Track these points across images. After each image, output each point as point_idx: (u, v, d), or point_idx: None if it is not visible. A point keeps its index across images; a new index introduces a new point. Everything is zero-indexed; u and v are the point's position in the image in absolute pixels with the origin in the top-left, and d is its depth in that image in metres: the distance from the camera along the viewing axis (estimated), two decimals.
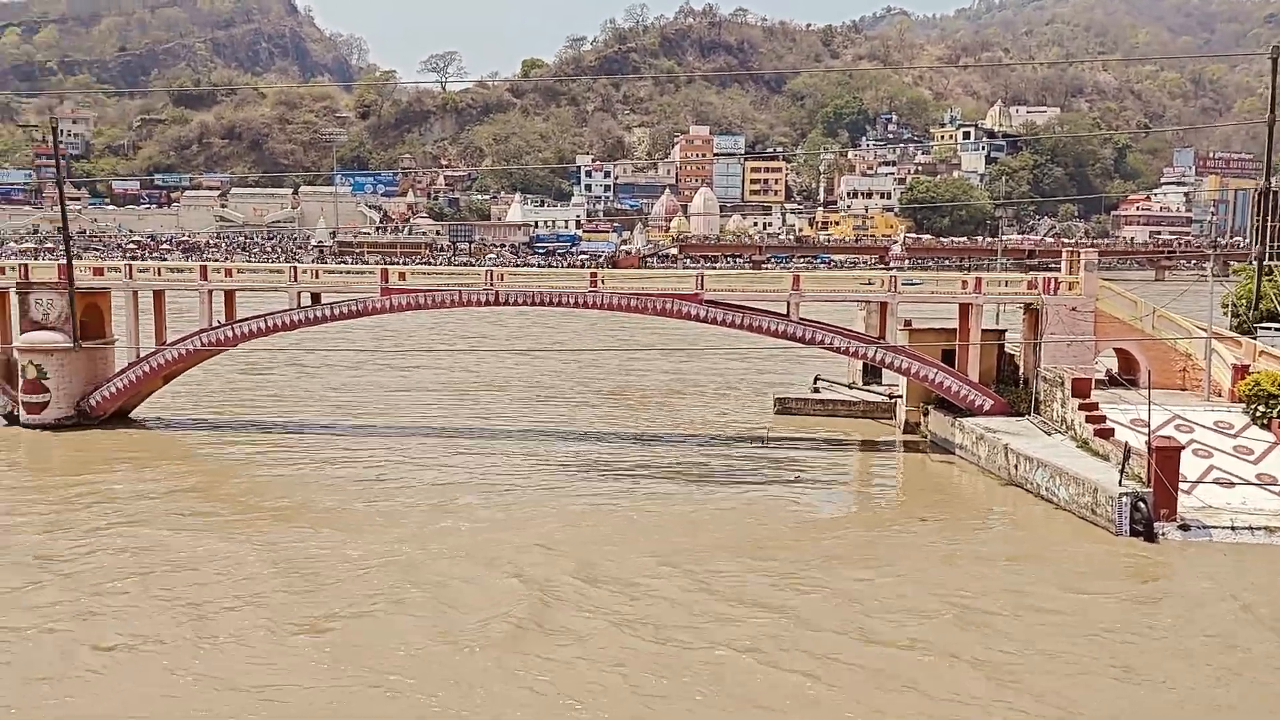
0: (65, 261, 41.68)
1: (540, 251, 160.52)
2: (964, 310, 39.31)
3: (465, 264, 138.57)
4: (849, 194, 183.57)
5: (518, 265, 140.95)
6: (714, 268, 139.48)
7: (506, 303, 39.39)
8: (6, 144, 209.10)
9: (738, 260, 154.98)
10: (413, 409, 46.25)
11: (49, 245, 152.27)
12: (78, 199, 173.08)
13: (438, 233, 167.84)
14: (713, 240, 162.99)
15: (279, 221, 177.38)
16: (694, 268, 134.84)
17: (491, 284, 39.36)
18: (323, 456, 36.86)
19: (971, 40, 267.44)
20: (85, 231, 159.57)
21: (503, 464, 35.81)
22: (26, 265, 42.77)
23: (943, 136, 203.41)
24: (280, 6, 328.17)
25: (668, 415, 45.40)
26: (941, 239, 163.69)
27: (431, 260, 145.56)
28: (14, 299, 41.69)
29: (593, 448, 38.69)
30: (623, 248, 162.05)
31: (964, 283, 39.40)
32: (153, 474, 34.00)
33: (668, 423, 43.77)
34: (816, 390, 47.73)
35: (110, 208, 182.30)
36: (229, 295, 42.22)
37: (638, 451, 38.13)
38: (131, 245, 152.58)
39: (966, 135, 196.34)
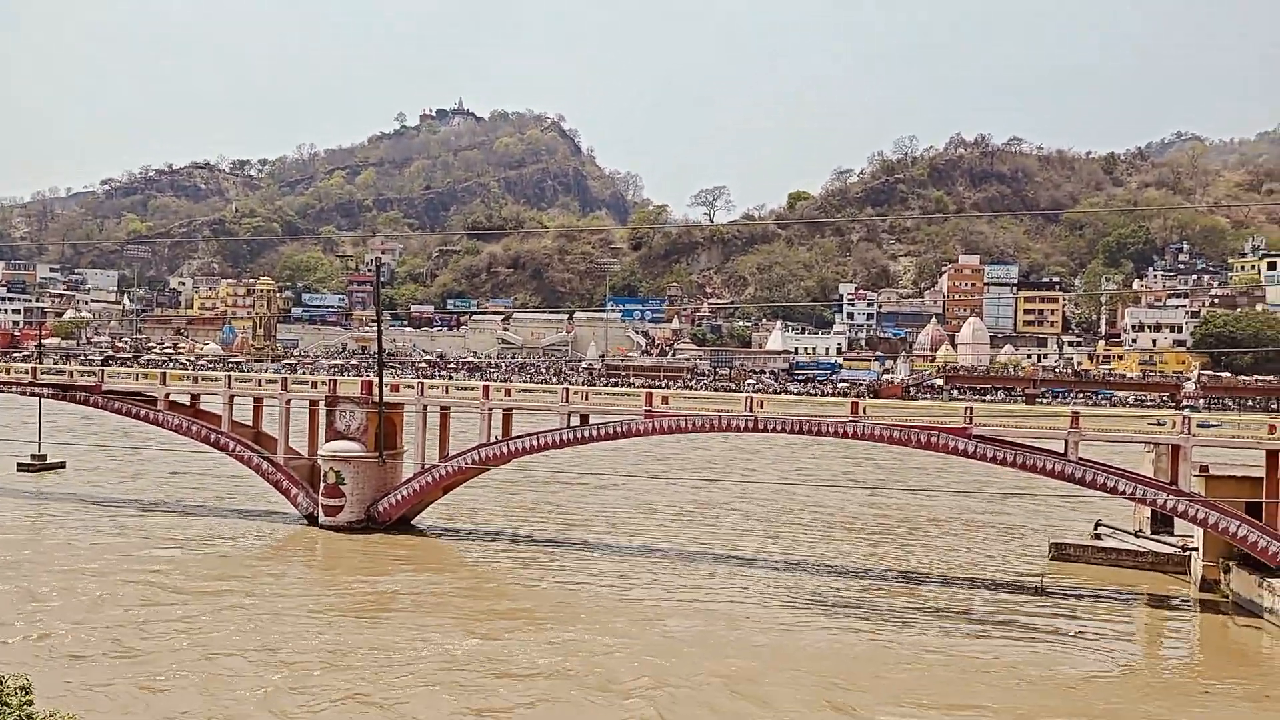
0: (368, 379, 46.01)
1: (799, 379, 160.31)
2: (1273, 458, 35.41)
3: (725, 389, 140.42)
4: (1134, 327, 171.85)
5: (777, 392, 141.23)
6: (983, 400, 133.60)
7: (765, 429, 39.43)
8: (325, 271, 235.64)
9: (1009, 394, 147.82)
10: (644, 529, 46.73)
11: (353, 362, 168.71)
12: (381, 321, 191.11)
13: (700, 358, 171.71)
14: (982, 371, 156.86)
15: (554, 345, 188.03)
16: (961, 400, 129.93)
17: (751, 410, 39.62)
18: (571, 570, 37.93)
19: (1278, 164, 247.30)
20: (385, 351, 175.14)
21: (745, 591, 35.30)
22: (335, 381, 47.46)
23: (1243, 267, 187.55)
24: (566, 148, 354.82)
25: (923, 554, 43.29)
26: (1243, 378, 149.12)
27: (692, 385, 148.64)
28: (323, 411, 46.18)
29: (843, 583, 37.45)
30: (885, 377, 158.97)
31: (1272, 427, 35.60)
32: (426, 578, 36.10)
33: (924, 562, 41.72)
34: (1098, 537, 44.13)
35: (408, 329, 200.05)
36: (506, 413, 44.80)
37: (893, 590, 36.51)
38: (423, 364, 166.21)
39: (1272, 266, 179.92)
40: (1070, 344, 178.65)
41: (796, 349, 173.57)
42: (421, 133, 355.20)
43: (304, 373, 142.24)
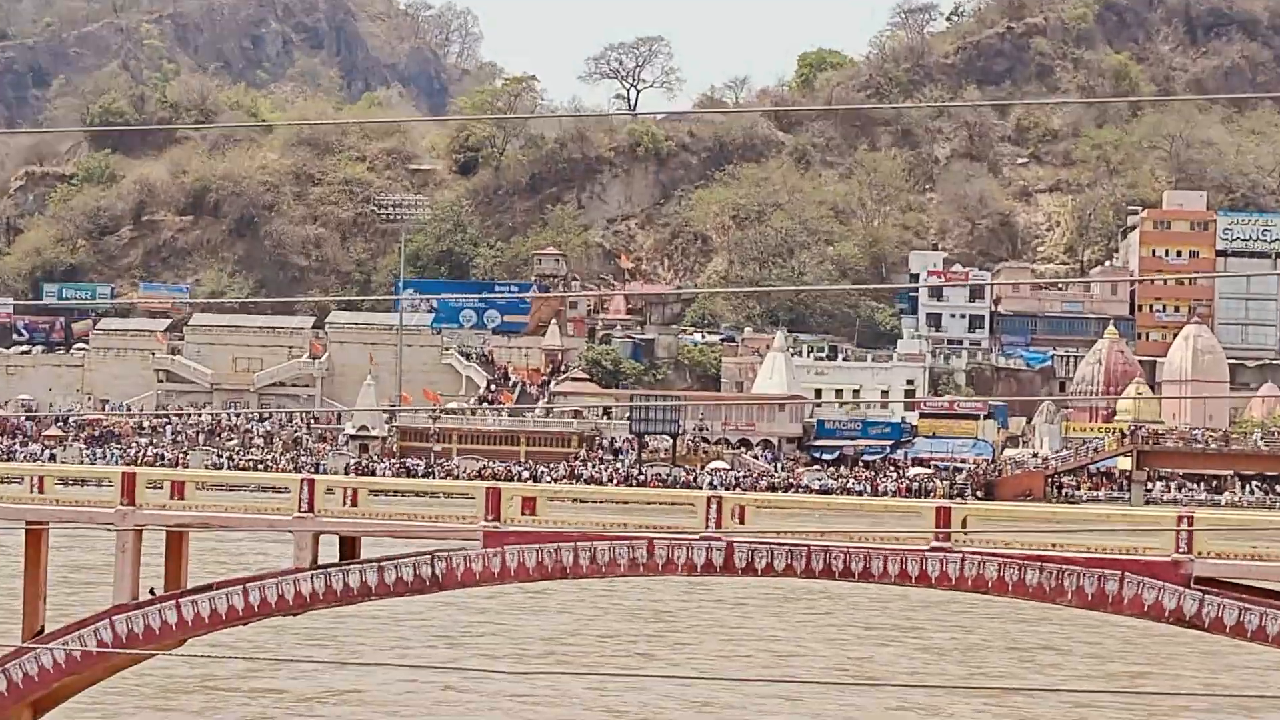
0: None
1: (824, 456, 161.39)
2: None
3: (663, 480, 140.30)
4: None
5: (774, 486, 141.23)
6: (1214, 502, 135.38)
7: (748, 569, 39.59)
8: None
9: (1272, 487, 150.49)
10: None
11: None
12: None
13: (606, 412, 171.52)
14: (1212, 443, 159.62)
15: (283, 384, 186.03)
16: (1170, 505, 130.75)
17: (717, 524, 39.81)
18: None
19: None
20: None
21: None
22: None
23: None
24: None
25: None
26: None
27: (590, 470, 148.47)
28: None
29: None
30: (1009, 454, 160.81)
31: None
32: None
33: None
34: None
35: None
36: (175, 538, 44.29)
37: None
38: None
39: None
40: None
41: (819, 393, 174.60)
42: None
43: None
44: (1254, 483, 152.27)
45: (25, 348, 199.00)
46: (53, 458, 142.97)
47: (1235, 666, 59.75)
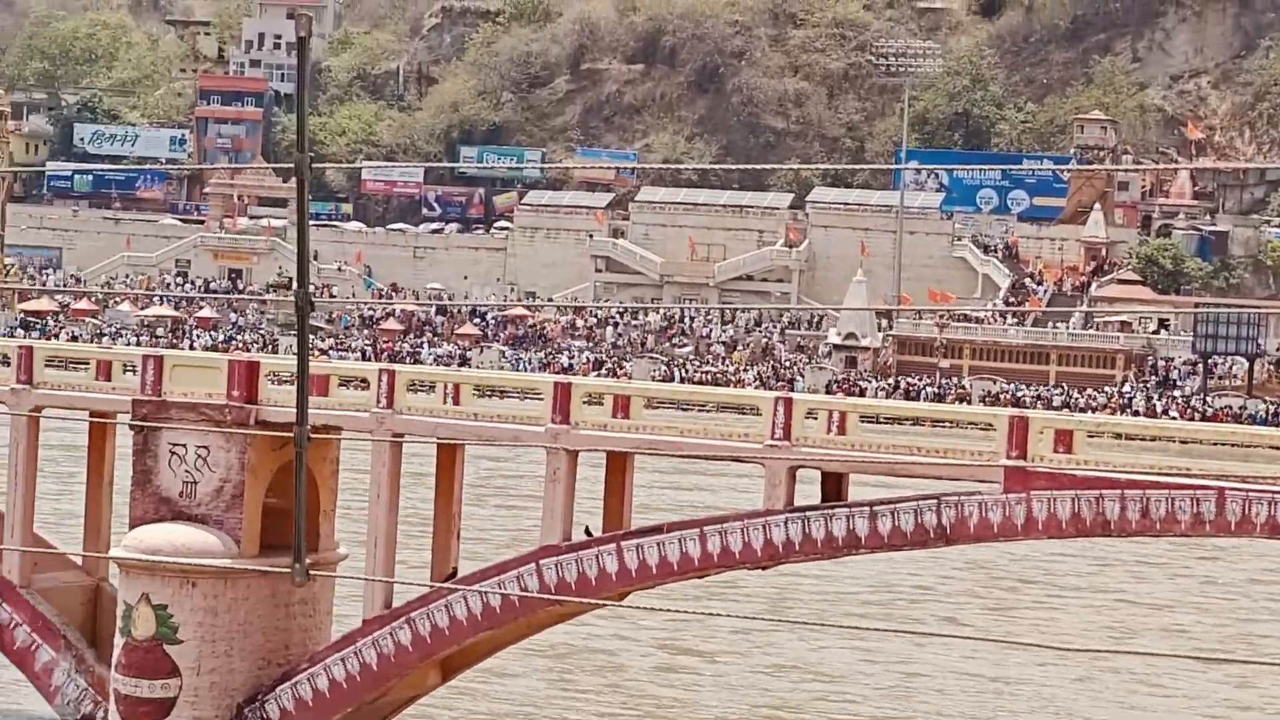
0: (248, 358, 47.19)
1: None
2: None
3: (1234, 416, 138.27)
4: None
5: None
6: None
7: None
8: (133, 60, 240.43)
9: None
10: None
11: (202, 313, 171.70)
12: None
13: (1163, 324, 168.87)
14: None
15: (750, 277, 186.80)
16: None
17: None
18: None
19: None
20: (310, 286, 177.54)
21: None
22: (161, 360, 48.29)
23: None
24: None
25: None
26: None
27: (1138, 398, 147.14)
28: (121, 444, 47.16)
29: None
30: None
31: None
32: None
33: None
34: None
35: (350, 225, 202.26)
36: (617, 467, 45.25)
37: None
38: (387, 312, 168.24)
39: None
40: None
41: None
42: None
43: (80, 335, 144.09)
44: None
45: (437, 225, 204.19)
46: (466, 361, 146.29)
47: None
